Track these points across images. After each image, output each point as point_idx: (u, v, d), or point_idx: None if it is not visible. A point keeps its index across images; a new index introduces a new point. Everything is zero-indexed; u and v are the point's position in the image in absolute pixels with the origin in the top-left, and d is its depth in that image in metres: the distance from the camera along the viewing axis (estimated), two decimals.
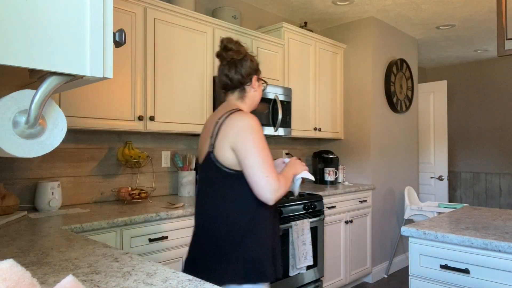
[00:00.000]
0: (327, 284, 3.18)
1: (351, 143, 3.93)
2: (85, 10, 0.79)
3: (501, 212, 2.13)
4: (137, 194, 2.34)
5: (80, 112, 2.08)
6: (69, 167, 2.35)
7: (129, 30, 2.27)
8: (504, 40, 1.94)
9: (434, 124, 5.06)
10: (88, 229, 1.79)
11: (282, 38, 3.25)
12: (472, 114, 5.64)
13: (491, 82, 5.46)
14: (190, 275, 1.03)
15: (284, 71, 3.26)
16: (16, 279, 0.58)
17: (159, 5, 2.40)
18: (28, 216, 1.96)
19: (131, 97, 2.29)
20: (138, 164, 2.48)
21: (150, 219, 2.01)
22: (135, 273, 1.04)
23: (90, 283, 0.97)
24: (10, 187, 2.12)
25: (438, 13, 3.70)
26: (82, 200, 2.40)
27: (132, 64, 2.30)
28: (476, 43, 4.71)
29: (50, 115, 0.84)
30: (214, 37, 2.74)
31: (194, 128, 2.61)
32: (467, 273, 1.53)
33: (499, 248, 1.44)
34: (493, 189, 5.41)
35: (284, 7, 3.60)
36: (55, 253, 1.25)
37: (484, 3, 3.46)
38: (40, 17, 0.73)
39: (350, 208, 3.43)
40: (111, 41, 0.82)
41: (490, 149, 5.44)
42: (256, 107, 1.77)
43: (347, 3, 3.45)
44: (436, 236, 1.61)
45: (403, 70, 4.19)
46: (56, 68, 0.75)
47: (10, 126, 0.78)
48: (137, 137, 2.66)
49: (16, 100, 0.80)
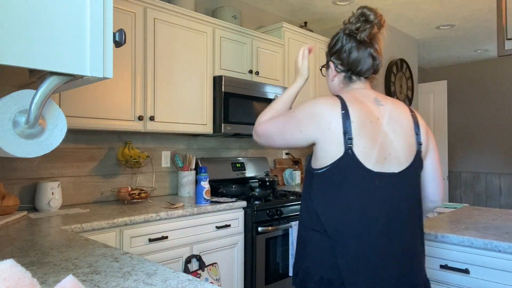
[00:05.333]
0: None
1: None
2: (85, 10, 0.79)
3: (501, 212, 2.13)
4: (137, 194, 2.34)
5: (80, 112, 2.08)
6: (69, 167, 2.35)
7: (129, 30, 2.27)
8: (504, 40, 1.94)
9: (434, 124, 5.05)
10: (88, 229, 1.79)
11: (282, 38, 3.25)
12: (472, 114, 5.64)
13: (491, 82, 5.46)
14: (190, 275, 1.03)
15: (284, 71, 3.26)
16: (16, 279, 0.58)
17: (159, 5, 2.40)
18: (28, 216, 1.96)
19: (131, 97, 2.29)
20: (138, 164, 2.48)
21: (150, 219, 2.01)
22: (135, 273, 1.04)
23: (90, 283, 0.97)
24: (10, 187, 2.12)
25: (438, 13, 3.70)
26: (82, 200, 2.40)
27: (132, 64, 2.30)
28: (476, 43, 4.71)
29: (50, 115, 0.84)
30: (214, 37, 2.74)
31: (194, 128, 2.61)
32: (467, 273, 1.53)
33: (499, 248, 1.44)
34: (493, 189, 5.41)
35: (284, 7, 3.60)
36: (55, 253, 1.25)
37: (484, 3, 3.45)
38: (40, 17, 0.73)
39: None
40: (111, 41, 0.82)
41: (490, 149, 5.44)
42: None
43: (347, 3, 3.45)
44: (436, 236, 1.61)
45: (403, 70, 4.19)
46: (56, 68, 0.75)
47: (10, 126, 0.78)
48: (137, 137, 2.66)
49: (16, 100, 0.80)
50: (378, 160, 1.12)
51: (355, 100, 1.16)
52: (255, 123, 1.29)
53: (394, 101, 1.24)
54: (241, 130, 2.77)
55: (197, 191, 2.35)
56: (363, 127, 1.12)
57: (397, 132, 1.16)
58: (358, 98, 1.18)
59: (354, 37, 1.22)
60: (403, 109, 1.21)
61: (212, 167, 3.00)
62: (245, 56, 2.95)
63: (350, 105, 1.14)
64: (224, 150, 3.24)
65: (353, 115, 1.12)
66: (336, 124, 1.11)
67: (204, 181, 2.36)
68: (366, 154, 1.10)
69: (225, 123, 2.67)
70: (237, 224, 2.47)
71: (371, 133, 1.12)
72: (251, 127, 2.83)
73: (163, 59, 2.44)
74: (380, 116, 1.16)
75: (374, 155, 1.11)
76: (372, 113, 1.15)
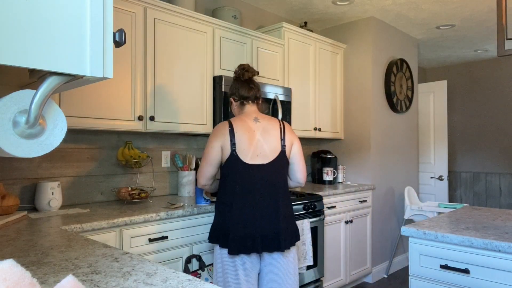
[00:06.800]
0: (327, 284, 3.18)
1: (351, 143, 3.93)
2: (85, 10, 0.79)
3: (501, 212, 2.13)
4: (137, 194, 2.34)
5: (80, 112, 2.08)
6: (69, 167, 2.35)
7: (129, 30, 2.27)
8: (504, 40, 1.94)
9: (434, 124, 5.06)
10: (88, 229, 1.79)
11: (282, 38, 3.25)
12: (472, 114, 5.64)
13: (491, 82, 5.46)
14: (190, 275, 1.03)
15: (284, 71, 3.26)
16: (16, 279, 0.58)
17: (159, 5, 2.40)
18: (28, 216, 1.96)
19: (131, 97, 2.29)
20: (138, 164, 2.48)
21: (150, 219, 2.01)
22: (135, 273, 1.04)
23: (90, 283, 0.97)
24: (10, 187, 2.12)
25: (438, 13, 3.70)
26: (82, 200, 2.40)
27: (132, 64, 2.30)
28: (476, 43, 4.71)
29: (50, 115, 0.84)
30: (214, 37, 2.74)
31: (194, 128, 2.61)
32: (467, 273, 1.53)
33: (499, 248, 1.44)
34: (493, 189, 5.41)
35: (284, 7, 3.60)
36: (55, 253, 1.25)
37: (484, 3, 3.46)
38: (40, 17, 0.73)
39: (350, 208, 3.43)
40: (111, 41, 0.82)
41: (490, 149, 5.44)
42: None
43: (347, 3, 3.45)
44: (436, 236, 1.61)
45: (403, 70, 4.19)
46: (56, 68, 0.75)
47: (10, 126, 0.78)
48: (137, 137, 2.66)
49: (16, 100, 0.80)
50: (252, 156, 1.87)
51: (239, 120, 1.93)
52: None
53: (269, 118, 1.98)
54: None
55: (197, 191, 2.35)
56: (242, 136, 1.87)
57: (266, 139, 1.90)
58: (242, 118, 1.94)
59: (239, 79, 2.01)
60: (274, 124, 1.96)
61: None
62: (245, 56, 2.95)
63: (235, 123, 1.91)
64: None
65: (236, 129, 1.88)
66: (227, 136, 1.88)
67: None
68: (244, 153, 1.86)
69: None
70: None
71: (248, 140, 1.87)
72: None
73: (163, 59, 2.44)
74: (256, 129, 1.91)
75: (249, 154, 1.86)
76: (250, 127, 1.90)
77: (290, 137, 1.97)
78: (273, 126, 1.94)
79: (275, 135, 1.92)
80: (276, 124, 1.96)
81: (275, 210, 1.87)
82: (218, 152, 1.89)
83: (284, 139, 1.94)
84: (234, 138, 1.86)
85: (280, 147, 1.92)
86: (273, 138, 1.92)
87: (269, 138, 1.91)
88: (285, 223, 1.90)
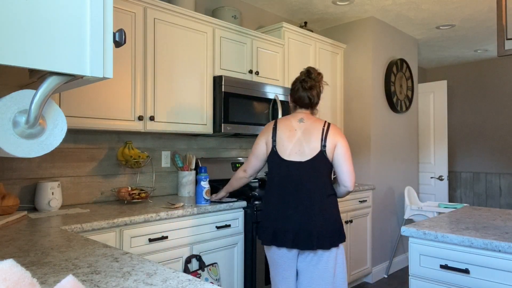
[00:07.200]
0: None
1: (351, 143, 3.93)
2: (85, 10, 0.79)
3: (501, 212, 2.13)
4: (137, 194, 2.34)
5: (80, 112, 2.08)
6: (69, 167, 2.35)
7: (129, 30, 2.27)
8: (504, 40, 1.94)
9: (434, 124, 5.05)
10: (88, 229, 1.79)
11: (282, 38, 3.25)
12: (472, 114, 5.64)
13: (491, 82, 5.46)
14: (190, 275, 1.03)
15: (284, 71, 3.26)
16: (16, 279, 0.58)
17: (159, 5, 2.40)
18: (28, 216, 1.96)
19: (131, 97, 2.29)
20: (138, 164, 2.48)
21: (150, 219, 2.01)
22: (135, 273, 1.04)
23: (90, 283, 0.97)
24: (10, 187, 2.12)
25: (438, 13, 3.70)
26: (82, 200, 2.40)
27: (132, 64, 2.30)
28: (476, 43, 4.71)
29: (50, 115, 0.84)
30: (214, 37, 2.74)
31: (194, 128, 2.61)
32: (467, 273, 1.53)
33: (499, 248, 1.44)
34: (493, 189, 5.41)
35: (284, 7, 3.60)
36: (55, 253, 1.25)
37: (484, 3, 3.46)
38: (40, 17, 0.73)
39: (350, 208, 3.43)
40: (111, 41, 0.82)
41: (490, 149, 5.44)
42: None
43: (347, 3, 3.45)
44: (436, 236, 1.61)
45: (403, 70, 4.19)
46: (56, 68, 0.75)
47: (10, 126, 0.78)
48: (137, 137, 2.66)
49: (16, 100, 0.80)
50: (290, 153, 1.96)
51: (285, 119, 2.05)
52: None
53: (315, 120, 2.03)
54: (241, 130, 2.77)
55: (197, 191, 2.35)
56: (283, 134, 2.00)
57: (307, 138, 1.96)
58: (288, 118, 2.05)
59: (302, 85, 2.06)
60: (318, 124, 1.99)
61: (212, 167, 3.00)
62: (245, 56, 2.95)
63: (279, 122, 2.05)
64: (224, 150, 3.24)
65: (279, 127, 2.02)
66: (270, 133, 2.05)
67: (204, 181, 2.36)
68: (283, 149, 1.98)
69: (225, 123, 2.67)
70: (237, 224, 2.47)
71: (288, 138, 1.98)
72: (251, 127, 2.83)
73: (163, 59, 2.44)
74: (298, 128, 2.00)
75: (288, 151, 1.96)
76: (292, 126, 2.00)
77: (333, 138, 1.96)
78: (316, 127, 1.98)
79: (316, 135, 1.95)
80: (319, 125, 1.99)
81: (308, 208, 1.89)
82: (262, 147, 2.06)
83: (325, 139, 1.95)
84: (276, 135, 2.00)
85: (320, 147, 1.94)
86: (313, 138, 1.95)
87: (309, 138, 1.95)
88: (322, 222, 1.88)
